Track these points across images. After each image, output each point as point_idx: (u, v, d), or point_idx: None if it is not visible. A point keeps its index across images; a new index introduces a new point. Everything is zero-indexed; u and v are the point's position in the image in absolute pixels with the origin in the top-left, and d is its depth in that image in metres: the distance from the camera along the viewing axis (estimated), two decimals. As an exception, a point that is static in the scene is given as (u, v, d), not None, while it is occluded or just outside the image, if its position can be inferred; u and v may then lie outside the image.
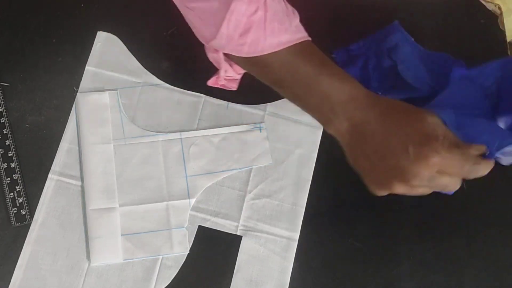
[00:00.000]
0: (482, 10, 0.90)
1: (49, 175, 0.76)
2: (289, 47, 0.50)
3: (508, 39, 0.90)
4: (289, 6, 0.52)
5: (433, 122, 0.49)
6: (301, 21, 0.60)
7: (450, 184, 0.49)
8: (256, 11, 0.49)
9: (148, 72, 0.82)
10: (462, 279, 0.75)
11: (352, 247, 0.74)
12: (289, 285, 0.74)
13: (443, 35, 0.88)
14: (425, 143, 0.46)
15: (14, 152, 0.76)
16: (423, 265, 0.75)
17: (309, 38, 0.54)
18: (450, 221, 0.77)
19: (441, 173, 0.48)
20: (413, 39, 0.82)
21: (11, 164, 0.76)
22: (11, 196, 0.74)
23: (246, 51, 0.50)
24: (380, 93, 0.79)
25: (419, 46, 0.81)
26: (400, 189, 0.49)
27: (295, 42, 0.51)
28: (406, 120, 0.49)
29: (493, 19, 0.90)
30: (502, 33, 0.89)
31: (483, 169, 0.49)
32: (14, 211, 0.74)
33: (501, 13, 0.90)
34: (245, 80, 0.83)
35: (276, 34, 0.50)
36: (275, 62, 0.51)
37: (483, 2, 0.90)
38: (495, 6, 0.90)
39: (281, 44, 0.50)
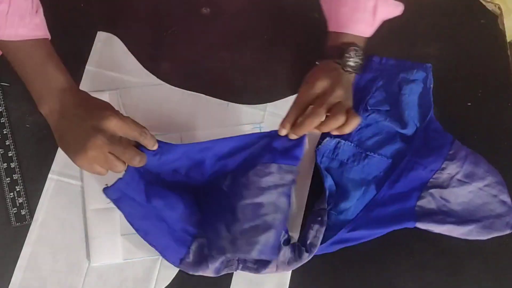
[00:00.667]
0: (482, 10, 0.90)
1: (49, 175, 0.76)
2: (26, 40, 0.60)
3: (508, 39, 0.91)
4: (35, 5, 0.60)
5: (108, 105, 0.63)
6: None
7: (128, 150, 0.62)
8: (0, 2, 0.58)
9: (148, 72, 0.82)
10: (462, 279, 0.75)
11: (352, 247, 0.74)
12: (289, 285, 0.74)
13: (443, 35, 0.88)
14: (106, 107, 0.62)
15: (14, 152, 0.76)
16: (423, 265, 0.75)
17: (47, 37, 0.64)
18: (450, 221, 0.77)
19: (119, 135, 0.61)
20: (432, 85, 0.82)
21: (11, 164, 0.75)
22: (11, 196, 0.74)
23: None
24: (370, 109, 0.80)
25: (431, 96, 0.81)
26: (93, 149, 0.59)
27: (32, 38, 0.60)
28: (94, 99, 0.64)
29: (493, 19, 0.90)
30: (502, 33, 0.89)
31: (150, 138, 0.63)
32: (14, 211, 0.74)
33: (501, 13, 0.90)
34: (245, 81, 0.83)
35: (15, 27, 0.59)
36: (13, 48, 0.61)
37: (483, 2, 0.90)
38: (495, 6, 0.90)
39: (18, 36, 0.59)
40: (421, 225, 0.74)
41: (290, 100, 0.77)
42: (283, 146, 0.70)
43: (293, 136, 0.68)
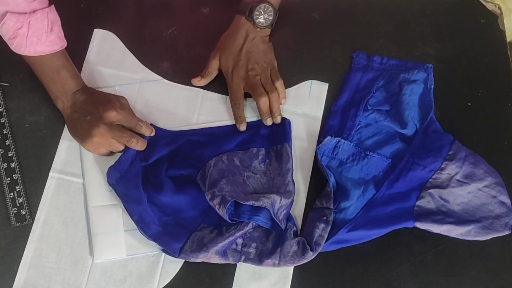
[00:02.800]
0: (482, 10, 0.90)
1: (50, 173, 0.76)
2: (44, 55, 0.73)
3: (508, 39, 0.91)
4: (50, 24, 0.72)
5: (120, 99, 0.76)
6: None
7: (124, 134, 0.74)
8: (21, 27, 0.70)
9: (146, 69, 0.82)
10: (462, 279, 0.75)
11: (352, 247, 0.74)
12: (292, 276, 0.74)
13: (443, 35, 0.88)
14: (108, 102, 0.74)
15: (14, 152, 0.76)
16: (423, 265, 0.75)
17: (63, 47, 0.75)
18: (450, 221, 0.77)
19: (118, 123, 0.74)
20: (433, 86, 0.82)
21: (11, 164, 0.76)
22: (11, 196, 0.74)
23: (13, 49, 0.72)
24: (370, 109, 0.81)
25: (431, 96, 0.81)
26: (97, 136, 0.73)
27: (48, 53, 0.73)
28: (100, 95, 0.77)
29: (493, 19, 0.90)
30: (502, 33, 0.89)
31: (145, 128, 0.76)
32: (14, 211, 0.74)
33: (501, 13, 0.90)
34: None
35: (34, 46, 0.72)
36: (33, 60, 0.74)
37: (483, 2, 0.90)
38: (495, 6, 0.90)
39: (36, 52, 0.72)
40: (420, 225, 0.74)
41: (287, 93, 0.82)
42: (269, 132, 0.79)
43: (268, 122, 0.79)
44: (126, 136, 0.74)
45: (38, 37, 0.71)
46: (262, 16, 0.80)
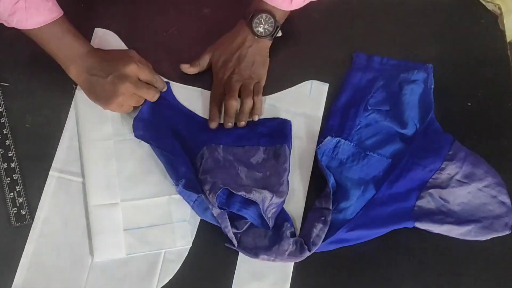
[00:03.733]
0: (482, 10, 0.90)
1: (50, 172, 0.76)
2: (46, 24, 0.72)
3: (508, 39, 0.91)
4: None
5: (132, 53, 0.77)
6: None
7: (150, 90, 0.76)
8: (17, 1, 0.69)
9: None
10: (462, 279, 0.75)
11: (352, 247, 0.74)
12: (292, 276, 0.74)
13: (443, 35, 0.88)
14: (125, 57, 0.75)
15: (14, 152, 0.76)
16: (423, 265, 0.75)
17: (61, 14, 0.74)
18: (450, 221, 0.77)
19: (139, 80, 0.75)
20: (433, 86, 0.82)
21: (11, 164, 0.76)
22: (11, 196, 0.74)
23: (14, 26, 0.71)
24: (370, 109, 0.81)
25: (431, 96, 0.81)
26: (123, 94, 0.73)
27: (50, 21, 0.72)
28: (112, 53, 0.78)
29: (493, 19, 0.90)
30: (502, 33, 0.89)
31: (160, 82, 0.78)
32: (14, 211, 0.74)
33: (501, 13, 0.90)
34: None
35: (35, 17, 0.71)
36: (36, 32, 0.73)
37: (483, 2, 0.90)
38: (495, 6, 0.90)
39: (38, 23, 0.71)
40: (420, 225, 0.74)
41: (288, 93, 0.82)
42: (268, 131, 0.79)
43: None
44: (151, 92, 0.76)
45: (37, 7, 0.70)
46: (262, 26, 0.80)
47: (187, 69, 0.81)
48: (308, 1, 0.79)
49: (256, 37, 0.80)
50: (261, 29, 0.80)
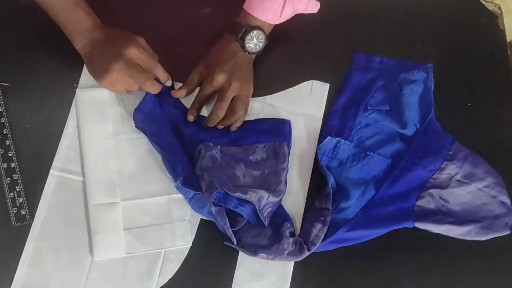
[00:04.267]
0: (482, 10, 0.90)
1: (51, 171, 0.76)
2: None
3: (508, 39, 0.91)
4: None
5: (139, 38, 0.76)
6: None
7: (142, 75, 0.74)
8: None
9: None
10: (462, 279, 0.75)
11: (352, 247, 0.74)
12: (292, 276, 0.74)
13: (443, 35, 0.88)
14: (129, 40, 0.75)
15: (14, 152, 0.76)
16: (423, 265, 0.75)
17: None
18: (450, 221, 0.77)
19: (136, 62, 0.74)
20: (433, 86, 0.82)
21: (11, 164, 0.76)
22: (11, 196, 0.74)
23: None
24: (370, 109, 0.81)
25: (431, 96, 0.81)
26: (115, 72, 0.73)
27: None
28: (120, 32, 0.77)
29: (493, 19, 0.90)
30: (502, 33, 0.89)
31: (162, 72, 0.77)
32: (14, 211, 0.74)
33: (501, 13, 0.90)
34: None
35: None
36: (48, 1, 0.74)
37: (483, 2, 0.90)
38: (495, 6, 0.90)
39: None
40: (420, 225, 0.74)
41: (288, 93, 0.82)
42: (267, 128, 0.79)
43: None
44: (142, 77, 0.74)
45: None
46: (253, 41, 0.79)
47: (178, 93, 0.80)
48: (294, 14, 0.80)
49: (246, 53, 0.80)
50: (252, 45, 0.79)
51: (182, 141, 0.77)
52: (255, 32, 0.79)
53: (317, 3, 0.81)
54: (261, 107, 0.82)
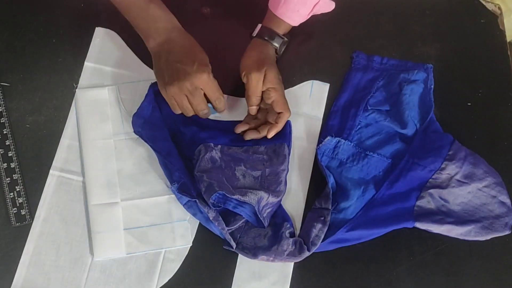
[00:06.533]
0: (482, 10, 0.90)
1: (50, 171, 0.76)
2: None
3: (508, 39, 0.91)
4: None
5: (208, 63, 0.74)
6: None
7: (202, 104, 0.74)
8: None
9: (147, 67, 0.82)
10: (462, 279, 0.75)
11: (353, 247, 0.74)
12: (292, 276, 0.74)
13: (443, 35, 0.88)
14: (205, 64, 0.73)
15: (14, 152, 0.76)
16: (423, 265, 0.75)
17: None
18: (450, 221, 0.77)
19: (202, 90, 0.73)
20: (433, 86, 0.82)
21: (11, 164, 0.76)
22: (11, 196, 0.74)
23: None
24: (370, 109, 0.81)
25: (431, 96, 0.81)
26: (176, 89, 0.72)
27: None
28: (199, 50, 0.75)
29: (493, 19, 0.90)
30: (502, 33, 0.89)
31: (223, 104, 0.76)
32: (14, 211, 0.74)
33: (501, 13, 0.90)
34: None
35: None
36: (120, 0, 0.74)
37: (483, 2, 0.90)
38: (495, 6, 0.90)
39: None
40: (420, 225, 0.74)
41: (288, 93, 0.82)
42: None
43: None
44: (202, 106, 0.74)
45: None
46: (284, 47, 0.82)
47: (240, 127, 0.78)
48: (311, 14, 0.81)
49: (276, 55, 0.81)
50: (282, 51, 0.82)
51: (182, 142, 0.77)
52: (286, 40, 0.80)
53: (332, 3, 0.82)
54: (261, 107, 0.82)
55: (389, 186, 0.76)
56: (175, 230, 0.74)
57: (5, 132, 0.77)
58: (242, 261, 0.74)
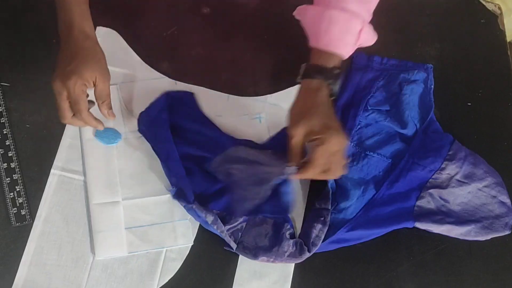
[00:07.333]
0: (482, 10, 0.90)
1: (52, 170, 0.76)
2: None
3: (508, 39, 0.91)
4: None
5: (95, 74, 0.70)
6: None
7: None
8: None
9: (148, 66, 0.82)
10: (462, 279, 0.75)
11: (353, 247, 0.74)
12: (292, 276, 0.74)
13: (443, 35, 0.88)
14: (85, 70, 0.68)
15: (14, 152, 0.76)
16: (423, 265, 0.75)
17: None
18: (450, 221, 0.77)
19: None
20: (433, 86, 0.82)
21: (11, 164, 0.76)
22: (11, 196, 0.74)
23: None
24: (370, 109, 0.80)
25: (431, 96, 0.82)
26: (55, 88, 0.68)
27: None
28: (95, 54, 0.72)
29: (493, 19, 0.90)
30: (502, 33, 0.89)
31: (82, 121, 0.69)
32: (14, 211, 0.74)
33: (501, 13, 0.90)
34: (245, 73, 0.83)
35: None
36: None
37: (483, 2, 0.90)
38: (495, 6, 0.90)
39: None
40: (420, 225, 0.74)
41: (289, 91, 0.81)
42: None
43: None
44: (65, 115, 0.68)
45: None
46: (339, 83, 0.70)
47: (297, 175, 0.68)
48: (358, 44, 0.73)
49: (332, 97, 0.70)
50: (338, 88, 0.71)
51: (200, 143, 0.77)
52: (341, 74, 0.70)
53: (376, 34, 0.75)
54: (262, 106, 0.82)
55: (389, 186, 0.76)
56: (177, 229, 0.74)
57: (5, 132, 0.77)
58: (243, 260, 0.74)
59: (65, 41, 0.70)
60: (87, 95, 0.70)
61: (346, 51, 0.71)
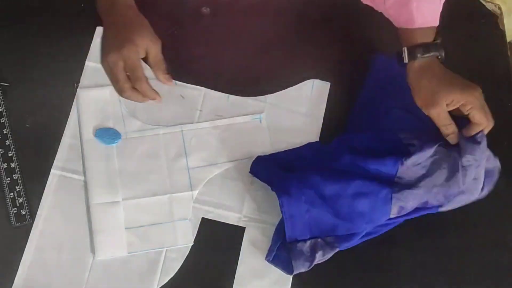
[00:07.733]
0: (482, 10, 0.90)
1: (52, 170, 0.76)
2: None
3: (508, 39, 0.91)
4: None
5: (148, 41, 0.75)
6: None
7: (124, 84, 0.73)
8: None
9: (148, 66, 0.82)
10: (462, 279, 0.75)
11: (353, 246, 0.74)
12: (293, 276, 0.73)
13: (443, 35, 0.88)
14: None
15: (14, 152, 0.76)
16: (423, 265, 0.75)
17: None
18: (450, 221, 0.77)
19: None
20: None
21: (11, 164, 0.76)
22: (11, 196, 0.74)
23: None
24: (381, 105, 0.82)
25: None
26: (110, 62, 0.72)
27: None
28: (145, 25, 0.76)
29: (493, 19, 0.90)
30: (502, 33, 0.89)
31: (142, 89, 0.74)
32: (14, 211, 0.74)
33: (501, 13, 0.90)
34: (245, 73, 0.83)
35: None
36: None
37: (483, 2, 0.90)
38: (495, 6, 0.91)
39: None
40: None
41: (289, 92, 0.82)
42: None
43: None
44: (121, 86, 0.73)
45: None
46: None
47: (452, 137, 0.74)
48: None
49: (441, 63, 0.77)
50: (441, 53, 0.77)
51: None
52: (436, 39, 0.76)
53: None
54: (262, 106, 0.82)
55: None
56: (177, 229, 0.74)
57: (5, 132, 0.77)
58: (244, 260, 0.74)
59: (108, 16, 0.74)
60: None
61: (438, 20, 0.76)
